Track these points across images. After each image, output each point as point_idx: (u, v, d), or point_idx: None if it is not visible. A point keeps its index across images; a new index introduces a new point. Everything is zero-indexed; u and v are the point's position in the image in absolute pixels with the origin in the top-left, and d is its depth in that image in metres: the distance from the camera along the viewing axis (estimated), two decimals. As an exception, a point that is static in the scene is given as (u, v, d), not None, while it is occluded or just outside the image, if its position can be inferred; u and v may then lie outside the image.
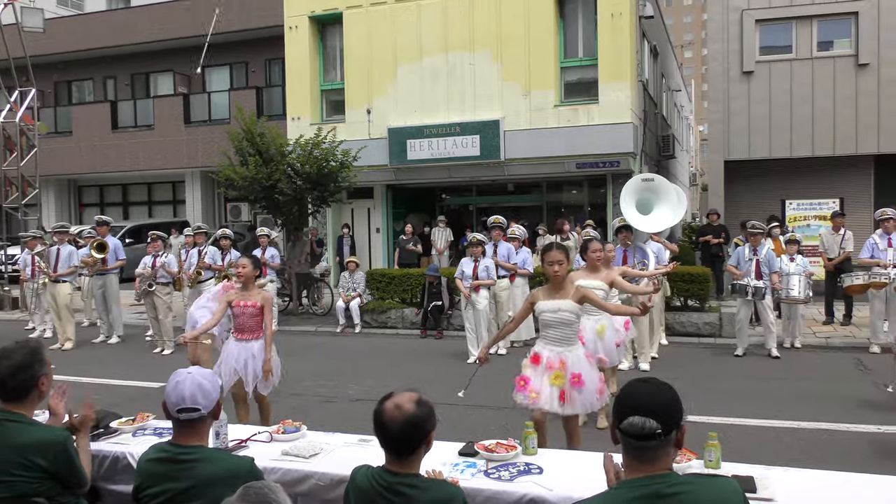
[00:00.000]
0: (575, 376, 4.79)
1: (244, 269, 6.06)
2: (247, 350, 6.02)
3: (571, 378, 4.78)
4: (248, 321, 6.06)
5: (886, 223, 10.03)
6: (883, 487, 3.08)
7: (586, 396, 4.84)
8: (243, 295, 6.08)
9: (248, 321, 6.06)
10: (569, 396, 4.78)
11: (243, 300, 6.05)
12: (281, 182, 13.37)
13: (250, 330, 6.08)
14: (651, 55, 19.43)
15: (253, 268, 6.11)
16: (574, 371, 4.81)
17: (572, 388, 4.78)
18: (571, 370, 4.80)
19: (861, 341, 10.30)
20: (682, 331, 11.25)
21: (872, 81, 14.71)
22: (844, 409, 7.06)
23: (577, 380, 4.79)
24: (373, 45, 17.20)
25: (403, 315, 12.76)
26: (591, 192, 17.45)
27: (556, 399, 4.77)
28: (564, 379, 4.78)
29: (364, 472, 2.69)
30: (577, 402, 4.83)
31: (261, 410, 6.23)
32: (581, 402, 4.85)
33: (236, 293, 6.12)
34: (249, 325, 6.07)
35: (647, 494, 2.05)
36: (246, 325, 6.08)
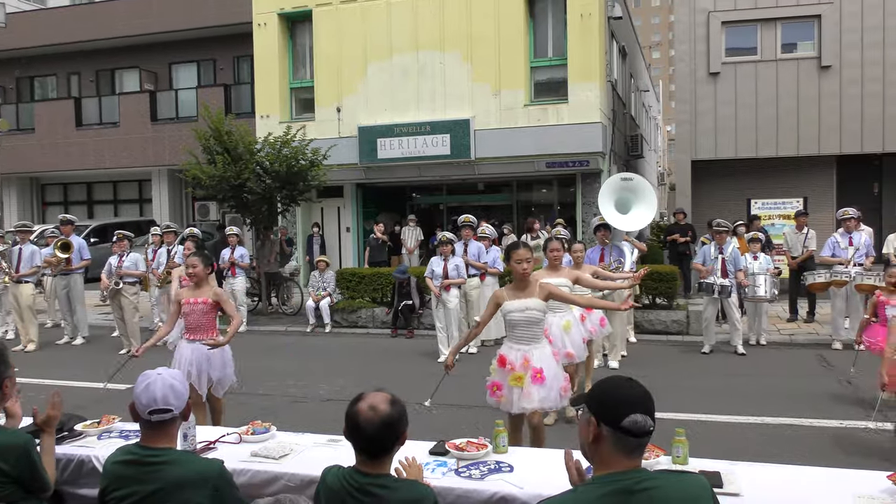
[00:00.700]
0: (536, 371, 4.76)
1: (195, 269, 5.89)
2: (199, 351, 5.81)
3: (533, 373, 4.76)
4: (199, 319, 5.85)
5: (847, 222, 10.24)
6: (844, 481, 3.15)
7: (547, 392, 4.78)
8: (194, 293, 5.91)
9: (199, 319, 5.85)
10: (527, 392, 4.74)
11: (193, 297, 5.87)
12: (250, 181, 13.24)
13: (202, 329, 5.87)
14: (620, 55, 19.60)
15: (204, 266, 5.94)
16: (536, 366, 4.78)
17: (532, 384, 4.74)
18: (534, 365, 4.78)
19: (824, 338, 10.50)
20: (650, 329, 11.37)
21: (835, 83, 15.01)
22: (808, 405, 7.20)
23: (539, 375, 4.75)
24: (343, 43, 17.11)
25: (374, 314, 12.72)
26: (561, 192, 17.56)
27: (517, 400, 4.78)
28: (524, 378, 4.76)
29: (335, 472, 2.67)
30: (534, 397, 4.75)
31: (212, 413, 6.02)
32: (539, 398, 4.76)
33: (187, 291, 5.97)
34: (200, 323, 5.86)
35: (617, 490, 2.07)
36: (196, 324, 5.87)
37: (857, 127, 14.90)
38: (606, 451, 2.14)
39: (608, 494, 2.06)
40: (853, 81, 14.88)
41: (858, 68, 14.83)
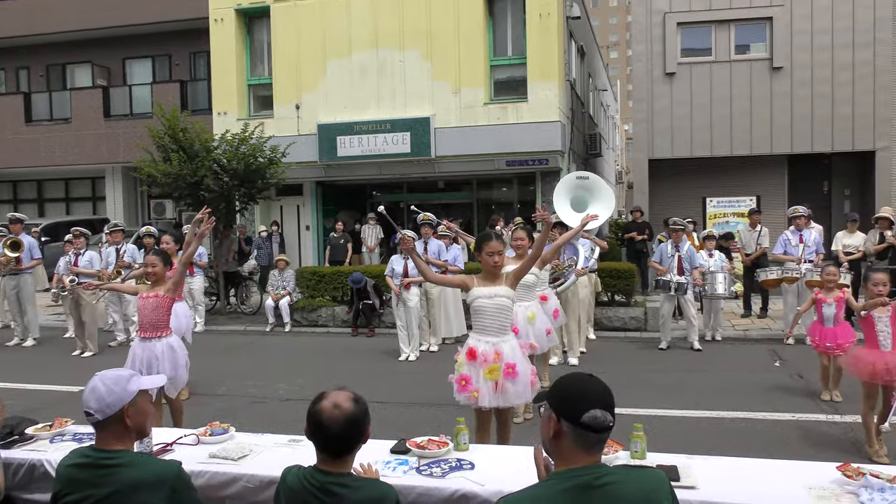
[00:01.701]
0: (509, 366, 4.73)
1: (155, 269, 5.86)
2: (150, 351, 5.75)
3: (506, 368, 4.72)
4: (150, 314, 5.78)
5: (798, 220, 10.50)
6: (796, 472, 3.23)
7: (519, 388, 4.77)
8: (150, 287, 5.89)
9: (150, 314, 5.78)
10: (502, 387, 4.71)
11: (146, 292, 5.84)
12: (207, 178, 13.06)
13: (153, 326, 5.80)
14: (578, 55, 19.79)
15: (163, 265, 5.90)
16: (509, 361, 4.75)
17: (506, 380, 4.71)
18: (506, 360, 4.75)
19: (777, 333, 10.76)
20: (609, 325, 11.52)
21: (786, 84, 15.37)
22: (762, 399, 7.37)
23: (512, 370, 4.72)
24: (301, 40, 16.96)
25: (334, 313, 12.66)
26: (521, 190, 17.66)
27: (492, 392, 4.72)
28: (499, 371, 4.71)
29: (295, 472, 2.65)
30: (510, 394, 4.74)
31: (172, 413, 6.00)
32: (515, 394, 4.76)
33: (146, 288, 5.93)
34: (151, 319, 5.79)
35: (577, 486, 2.09)
36: (148, 320, 5.80)
37: (807, 127, 15.28)
38: (567, 447, 2.16)
39: (568, 490, 2.08)
40: (803, 83, 15.25)
41: (808, 70, 15.21)
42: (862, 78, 15.00)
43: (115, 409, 2.67)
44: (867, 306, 5.42)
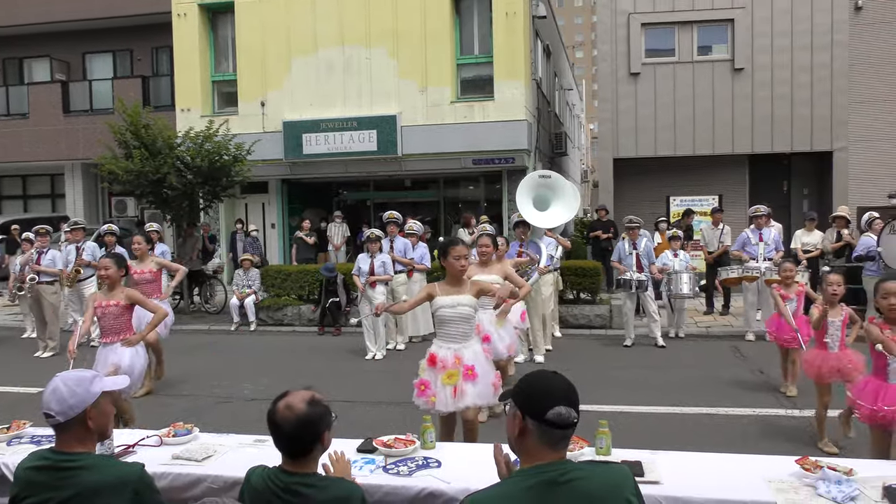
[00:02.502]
0: (468, 368, 4.75)
1: (108, 271, 5.81)
2: (114, 353, 5.73)
3: (465, 370, 4.74)
4: (113, 322, 5.81)
5: (758, 219, 10.69)
6: (757, 466, 3.30)
7: (480, 389, 4.78)
8: (106, 295, 5.85)
9: (113, 322, 5.81)
10: (461, 390, 4.72)
11: (105, 300, 5.81)
12: (170, 176, 12.88)
13: (115, 332, 5.83)
14: (544, 54, 19.91)
15: (117, 268, 5.87)
16: (468, 363, 4.77)
17: (465, 381, 4.73)
18: (465, 363, 4.77)
19: (738, 330, 10.96)
20: (574, 323, 11.62)
21: (747, 85, 15.64)
22: (724, 394, 7.50)
23: (471, 372, 4.74)
24: (266, 36, 16.80)
25: (300, 312, 12.57)
26: (488, 188, 17.71)
27: (450, 397, 4.73)
28: (458, 375, 4.74)
29: (259, 472, 2.63)
30: (469, 395, 4.74)
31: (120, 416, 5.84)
32: (473, 394, 4.76)
33: (101, 294, 5.90)
34: (114, 326, 5.81)
35: (543, 482, 2.10)
36: (110, 327, 5.81)
37: (767, 128, 15.57)
38: (532, 444, 2.18)
39: (533, 486, 2.10)
40: (764, 84, 15.54)
41: (768, 71, 15.49)
42: (820, 80, 15.33)
43: (77, 411, 2.61)
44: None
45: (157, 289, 8.55)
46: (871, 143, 15.59)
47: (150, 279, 8.43)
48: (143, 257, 8.51)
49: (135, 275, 8.28)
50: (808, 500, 2.90)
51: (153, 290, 8.35)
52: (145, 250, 8.54)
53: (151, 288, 8.36)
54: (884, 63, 15.55)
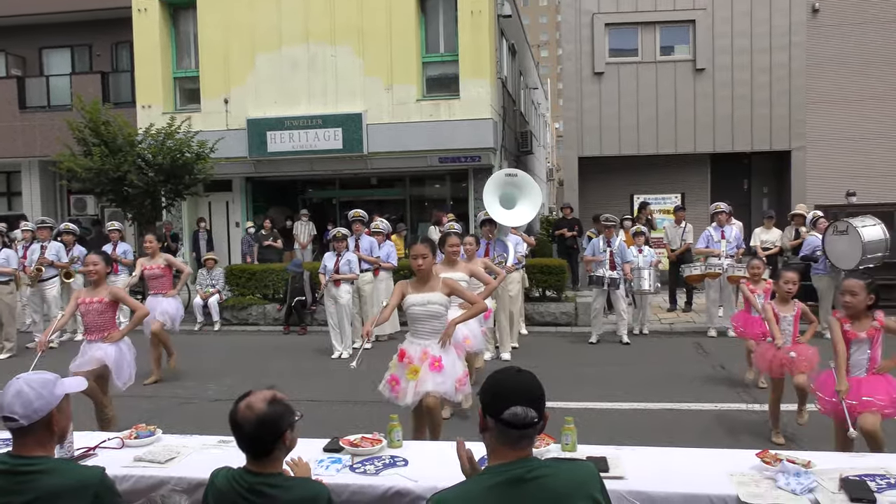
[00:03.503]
0: (434, 360, 4.77)
1: (97, 267, 5.86)
2: (99, 349, 5.82)
3: (431, 361, 4.76)
4: (96, 319, 5.86)
5: (719, 216, 10.87)
6: (719, 460, 3.36)
7: (442, 379, 4.78)
8: (91, 292, 5.91)
9: (96, 319, 5.86)
10: (422, 379, 4.74)
11: (89, 297, 5.87)
12: (130, 174, 12.67)
13: (99, 329, 5.89)
14: (509, 53, 19.98)
15: (105, 265, 5.94)
16: (434, 355, 4.80)
17: (429, 371, 4.75)
18: (432, 354, 4.80)
19: (700, 326, 11.13)
20: (540, 320, 11.69)
21: (708, 85, 15.89)
22: (687, 390, 7.62)
23: (436, 363, 4.76)
24: (229, 32, 16.59)
25: (265, 311, 12.46)
26: (454, 187, 17.72)
27: (412, 390, 4.76)
28: (421, 369, 4.77)
29: (224, 473, 2.61)
30: (428, 381, 4.74)
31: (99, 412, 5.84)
32: (434, 382, 4.75)
33: (85, 291, 5.96)
34: (98, 323, 5.87)
35: (509, 480, 2.11)
36: (94, 324, 5.88)
37: (728, 127, 15.83)
38: (493, 442, 2.19)
39: (499, 484, 2.10)
40: (724, 84, 15.80)
41: (729, 71, 15.76)
42: (778, 80, 15.64)
43: (42, 414, 2.55)
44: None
45: (167, 284, 8.90)
46: (828, 142, 15.95)
47: (159, 274, 8.83)
48: (155, 254, 8.85)
49: (146, 271, 8.76)
50: (768, 492, 2.96)
51: (163, 286, 8.84)
52: (157, 248, 8.89)
53: (161, 283, 8.83)
54: (840, 64, 15.91)
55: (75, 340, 11.00)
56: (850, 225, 9.50)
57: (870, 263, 9.46)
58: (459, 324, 5.17)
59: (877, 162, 15.76)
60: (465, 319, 5.22)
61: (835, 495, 2.90)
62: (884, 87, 15.78)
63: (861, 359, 4.51)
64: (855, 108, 15.88)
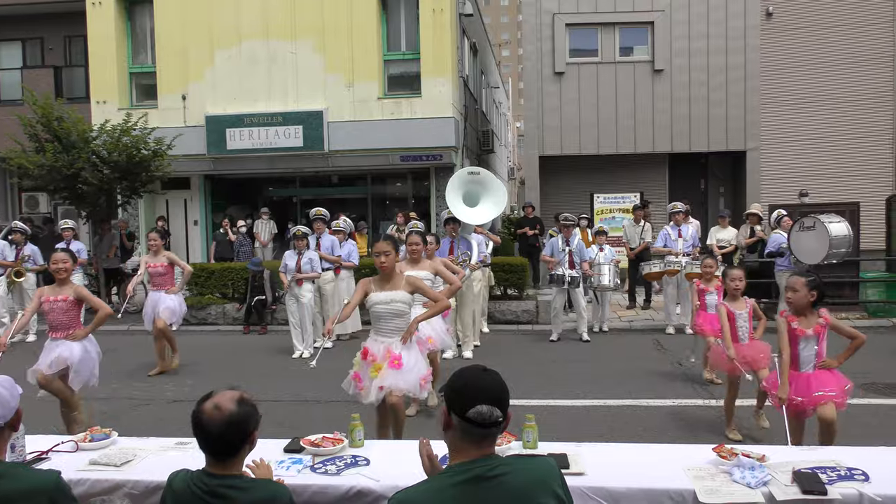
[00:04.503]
0: (395, 357, 4.79)
1: (66, 265, 5.85)
2: (64, 346, 5.83)
3: (392, 358, 4.78)
4: (61, 317, 5.86)
5: (677, 216, 11.06)
6: (676, 455, 3.41)
7: (404, 376, 4.79)
8: (55, 290, 5.89)
9: (61, 317, 5.86)
10: (383, 375, 4.75)
11: (54, 295, 5.85)
12: (85, 171, 12.38)
13: (64, 327, 5.89)
14: (471, 52, 20.02)
15: (72, 262, 5.95)
16: (395, 353, 4.81)
17: (388, 368, 4.77)
18: (393, 352, 4.82)
19: (659, 323, 11.30)
20: (501, 319, 11.75)
21: (666, 86, 16.13)
22: (646, 386, 7.73)
23: (397, 361, 4.78)
24: (187, 28, 16.33)
25: (224, 311, 12.30)
26: (416, 185, 17.71)
27: (376, 389, 4.77)
28: (383, 367, 4.78)
29: (182, 476, 2.56)
30: (388, 378, 4.75)
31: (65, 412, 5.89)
32: (395, 379, 4.76)
33: (49, 289, 5.92)
34: (62, 321, 5.87)
35: (471, 478, 2.12)
36: (59, 322, 5.87)
37: (685, 127, 16.10)
38: (456, 439, 2.19)
39: (461, 483, 2.11)
40: (682, 85, 16.06)
41: (686, 73, 16.03)
42: (734, 82, 15.96)
43: (11, 415, 2.55)
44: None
45: (170, 281, 8.97)
46: (782, 143, 16.33)
47: (161, 272, 8.90)
48: (158, 252, 8.88)
49: (149, 268, 8.87)
50: (723, 486, 3.01)
51: (165, 283, 8.93)
52: (160, 246, 8.93)
53: (164, 280, 8.92)
54: (793, 67, 16.31)
55: (27, 342, 10.73)
56: (818, 220, 9.76)
57: (834, 259, 9.73)
58: (422, 322, 5.19)
59: (828, 163, 16.19)
60: (427, 317, 5.25)
61: (787, 488, 2.97)
62: (835, 89, 16.23)
63: (809, 355, 4.63)
64: (808, 110, 16.29)
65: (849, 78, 16.22)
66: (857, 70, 16.22)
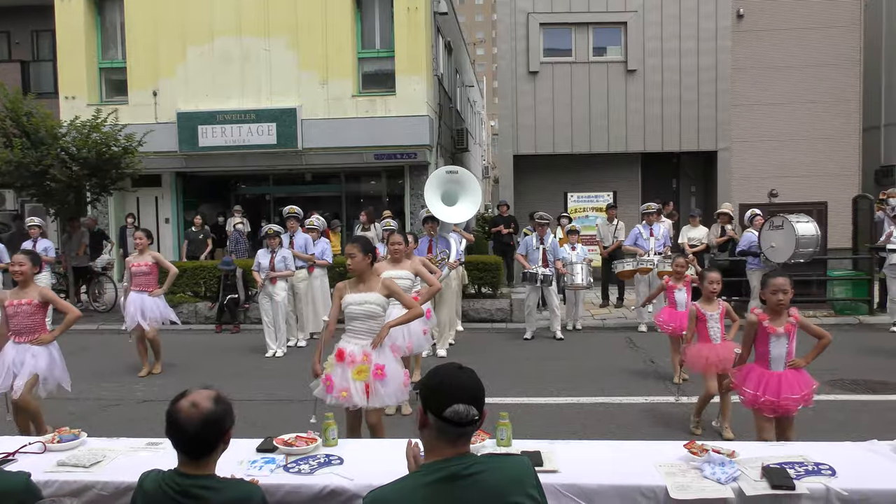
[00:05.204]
0: (378, 368, 4.74)
1: (23, 268, 5.63)
2: (25, 351, 5.62)
3: (374, 370, 4.74)
4: (25, 321, 5.62)
5: (649, 216, 11.17)
6: (648, 452, 3.45)
7: (390, 389, 4.80)
8: (18, 293, 5.65)
9: (25, 321, 5.62)
10: (373, 389, 4.72)
11: (17, 298, 5.61)
12: (53, 168, 12.18)
13: (29, 331, 5.66)
14: (446, 51, 20.03)
15: (32, 264, 5.70)
16: (378, 363, 4.76)
17: (375, 381, 4.73)
18: (375, 362, 4.76)
19: (632, 321, 11.41)
20: (476, 317, 11.77)
21: (639, 86, 16.27)
22: (618, 384, 7.79)
23: (381, 372, 4.74)
24: (158, 23, 16.13)
25: (196, 309, 12.18)
26: (390, 183, 17.69)
27: (362, 393, 4.71)
28: (368, 372, 4.73)
29: (153, 476, 2.53)
30: (381, 395, 4.76)
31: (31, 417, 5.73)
32: (386, 395, 4.79)
33: (11, 293, 5.70)
34: (27, 325, 5.63)
35: (446, 476, 2.12)
36: (23, 326, 5.63)
37: (658, 127, 16.25)
38: (432, 438, 2.19)
39: (435, 482, 2.12)
40: (655, 85, 16.21)
41: (659, 73, 16.17)
42: (706, 83, 16.14)
43: None
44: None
45: (153, 282, 8.75)
46: (752, 143, 16.56)
47: (146, 272, 8.69)
48: (144, 251, 8.69)
49: (133, 267, 8.67)
50: (694, 482, 3.06)
51: (149, 283, 8.71)
52: (146, 244, 8.71)
53: (147, 280, 8.70)
54: (763, 68, 16.54)
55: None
56: (786, 220, 9.92)
57: (801, 258, 9.88)
58: (395, 327, 5.15)
59: (797, 163, 16.45)
60: (400, 323, 5.19)
61: (757, 483, 3.01)
62: (804, 91, 16.49)
63: (780, 353, 4.70)
64: (777, 111, 16.54)
65: (817, 80, 16.49)
66: (824, 72, 16.50)
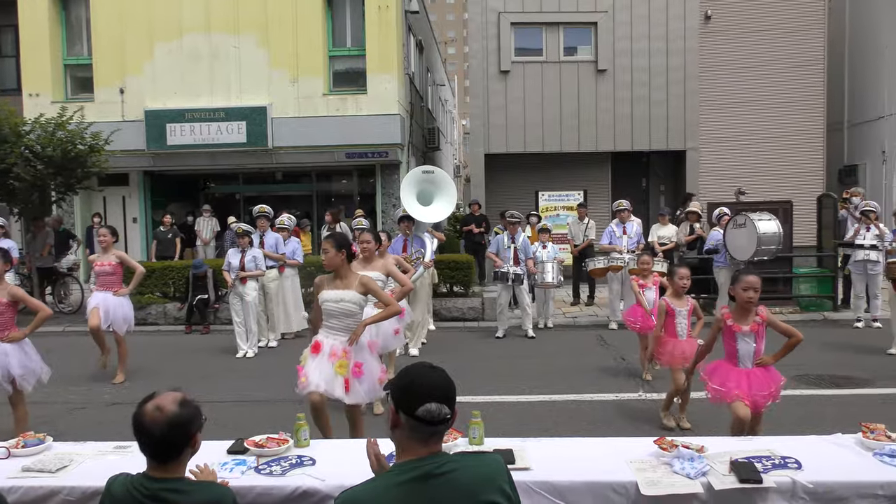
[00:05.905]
0: (357, 365, 4.81)
1: None
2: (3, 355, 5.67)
3: (354, 367, 4.79)
4: None
5: (621, 213, 11.27)
6: (619, 448, 3.48)
7: (368, 385, 4.87)
8: None
9: None
10: (352, 386, 4.78)
11: None
12: (17, 166, 11.94)
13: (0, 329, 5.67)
14: (417, 49, 20.01)
15: (2, 262, 5.69)
16: (357, 360, 4.83)
17: (354, 378, 4.80)
18: (354, 359, 4.82)
19: (603, 319, 11.50)
20: (448, 316, 11.78)
21: (609, 86, 16.39)
22: (590, 381, 7.85)
23: (359, 369, 4.81)
24: (125, 19, 15.88)
25: (165, 310, 12.03)
26: (361, 182, 17.62)
27: (342, 387, 4.75)
28: (348, 368, 4.78)
29: (122, 480, 2.49)
30: (360, 392, 4.85)
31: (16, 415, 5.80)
32: (364, 392, 4.88)
33: None
34: None
35: (419, 476, 2.12)
36: None
37: (627, 127, 16.40)
38: (404, 438, 2.19)
39: (408, 481, 2.11)
40: (624, 85, 16.35)
41: (629, 73, 16.31)
42: (674, 83, 16.32)
43: None
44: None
45: (117, 281, 8.45)
46: (720, 143, 16.78)
47: (109, 272, 8.38)
48: (108, 249, 8.39)
49: (96, 266, 8.34)
50: (664, 477, 3.09)
51: (113, 283, 8.40)
52: (110, 242, 8.38)
53: (111, 280, 8.39)
54: (730, 69, 16.76)
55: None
56: (748, 218, 10.08)
57: (764, 256, 10.05)
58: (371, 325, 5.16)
59: (764, 163, 16.70)
60: (377, 321, 5.21)
61: (725, 477, 3.06)
62: (770, 91, 16.73)
63: (748, 351, 4.76)
64: (744, 111, 16.77)
65: (783, 80, 16.75)
66: (790, 73, 16.77)
